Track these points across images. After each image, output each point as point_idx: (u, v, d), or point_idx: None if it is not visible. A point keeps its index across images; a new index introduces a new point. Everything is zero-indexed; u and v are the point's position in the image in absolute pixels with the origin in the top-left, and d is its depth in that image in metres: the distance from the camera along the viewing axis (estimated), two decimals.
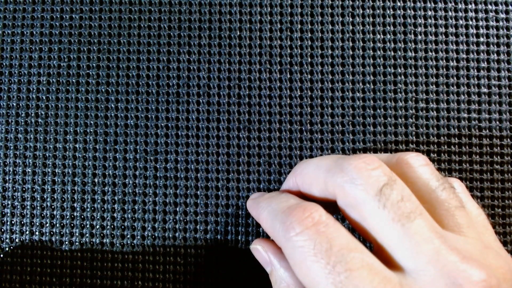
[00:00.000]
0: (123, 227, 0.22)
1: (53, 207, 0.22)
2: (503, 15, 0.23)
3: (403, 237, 0.14)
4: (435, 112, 0.22)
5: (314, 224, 0.14)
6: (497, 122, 0.22)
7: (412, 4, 0.23)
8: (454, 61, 0.23)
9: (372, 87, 0.22)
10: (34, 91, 0.23)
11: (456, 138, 0.22)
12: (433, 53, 0.23)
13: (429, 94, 0.22)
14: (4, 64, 0.23)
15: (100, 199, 0.22)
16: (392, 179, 0.14)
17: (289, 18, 0.23)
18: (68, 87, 0.23)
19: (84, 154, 0.22)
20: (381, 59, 0.23)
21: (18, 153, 0.22)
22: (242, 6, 0.23)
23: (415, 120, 0.22)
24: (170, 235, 0.22)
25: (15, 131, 0.23)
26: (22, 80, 0.23)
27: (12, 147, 0.22)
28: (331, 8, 0.23)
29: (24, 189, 0.22)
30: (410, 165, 0.16)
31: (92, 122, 0.22)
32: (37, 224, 0.22)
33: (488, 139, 0.22)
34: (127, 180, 0.22)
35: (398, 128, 0.22)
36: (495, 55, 0.23)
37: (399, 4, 0.23)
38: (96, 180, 0.22)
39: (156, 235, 0.22)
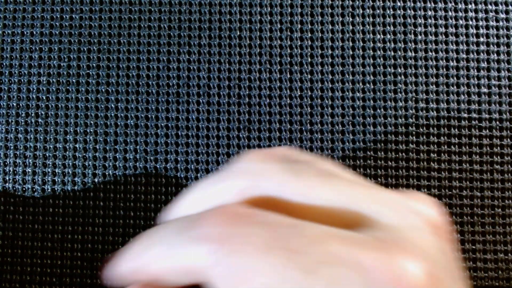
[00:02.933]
0: None
1: (53, 207, 0.22)
2: (503, 15, 0.23)
3: None
4: (435, 112, 0.22)
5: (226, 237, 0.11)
6: (497, 122, 0.22)
7: (412, 4, 0.23)
8: (454, 61, 0.23)
9: (372, 87, 0.22)
10: (34, 91, 0.23)
11: (456, 138, 0.22)
12: (433, 53, 0.23)
13: (429, 94, 0.22)
14: (4, 64, 0.23)
15: (100, 199, 0.22)
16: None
17: (289, 18, 0.23)
18: (68, 87, 0.23)
19: (84, 154, 0.22)
20: (381, 59, 0.23)
21: (18, 153, 0.22)
22: (242, 6, 0.23)
23: (415, 120, 0.22)
24: None
25: (15, 131, 0.23)
26: (22, 80, 0.23)
27: (12, 147, 0.22)
28: (331, 8, 0.23)
29: (24, 189, 0.22)
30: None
31: (92, 122, 0.22)
32: (38, 224, 0.22)
33: (488, 139, 0.22)
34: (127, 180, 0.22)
35: (398, 128, 0.22)
36: (495, 55, 0.23)
37: (399, 4, 0.23)
38: (96, 180, 0.22)
39: None
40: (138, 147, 0.22)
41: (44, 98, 0.23)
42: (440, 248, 0.12)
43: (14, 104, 0.23)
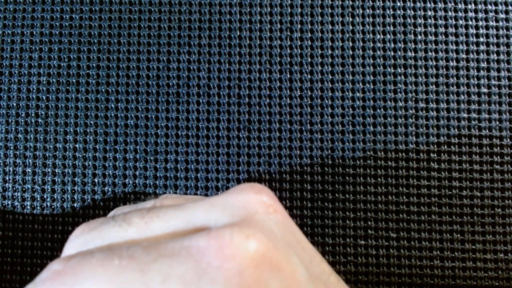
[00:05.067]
0: None
1: (53, 207, 0.22)
2: (503, 15, 0.23)
3: None
4: (435, 112, 0.22)
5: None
6: (497, 122, 0.22)
7: (412, 4, 0.23)
8: (454, 61, 0.23)
9: (372, 87, 0.22)
10: (34, 91, 0.23)
11: (456, 138, 0.22)
12: (433, 53, 0.23)
13: (429, 94, 0.22)
14: (4, 64, 0.23)
15: (100, 199, 0.22)
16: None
17: (289, 18, 0.23)
18: (68, 87, 0.23)
19: (84, 154, 0.22)
20: (381, 59, 0.23)
21: (18, 153, 0.22)
22: (242, 6, 0.23)
23: (415, 120, 0.22)
24: None
25: (15, 131, 0.23)
26: (22, 80, 0.23)
27: (12, 147, 0.22)
28: (331, 8, 0.23)
29: (24, 189, 0.22)
30: None
31: (92, 122, 0.22)
32: (38, 224, 0.22)
33: (488, 139, 0.22)
34: (127, 180, 0.22)
35: (398, 128, 0.22)
36: (495, 55, 0.23)
37: (399, 4, 0.23)
38: (96, 180, 0.22)
39: None
40: (138, 147, 0.22)
41: (44, 98, 0.23)
42: (277, 222, 0.13)
43: (14, 104, 0.23)
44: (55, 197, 0.22)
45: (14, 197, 0.22)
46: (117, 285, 0.11)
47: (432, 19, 0.23)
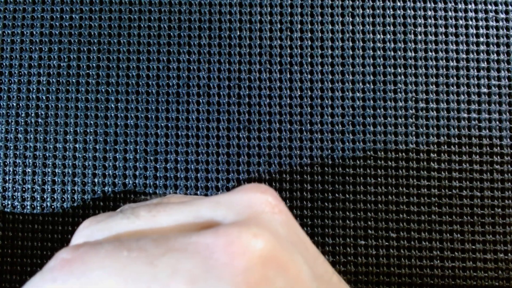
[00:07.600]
0: None
1: (53, 207, 0.22)
2: (503, 15, 0.23)
3: None
4: (435, 112, 0.22)
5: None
6: (497, 122, 0.22)
7: (412, 4, 0.23)
8: (454, 61, 0.23)
9: (372, 87, 0.22)
10: (34, 91, 0.23)
11: (456, 138, 0.22)
12: (433, 53, 0.23)
13: (429, 94, 0.22)
14: (4, 64, 0.23)
15: (100, 199, 0.22)
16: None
17: (289, 18, 0.23)
18: (68, 87, 0.23)
19: (84, 154, 0.22)
20: (381, 59, 0.23)
21: (18, 153, 0.22)
22: (242, 6, 0.23)
23: (415, 120, 0.22)
24: None
25: (15, 131, 0.23)
26: (22, 80, 0.23)
27: (12, 147, 0.22)
28: (331, 8, 0.23)
29: (24, 189, 0.22)
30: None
31: (92, 122, 0.22)
32: (38, 224, 0.22)
33: (488, 139, 0.22)
34: (127, 180, 0.22)
35: (398, 128, 0.22)
36: (495, 55, 0.23)
37: (399, 4, 0.23)
38: (96, 180, 0.22)
39: None
40: (138, 147, 0.22)
41: (44, 98, 0.23)
42: (282, 222, 0.13)
43: (14, 104, 0.23)
44: (55, 197, 0.22)
45: (14, 197, 0.22)
46: (125, 276, 0.11)
47: (432, 19, 0.23)
